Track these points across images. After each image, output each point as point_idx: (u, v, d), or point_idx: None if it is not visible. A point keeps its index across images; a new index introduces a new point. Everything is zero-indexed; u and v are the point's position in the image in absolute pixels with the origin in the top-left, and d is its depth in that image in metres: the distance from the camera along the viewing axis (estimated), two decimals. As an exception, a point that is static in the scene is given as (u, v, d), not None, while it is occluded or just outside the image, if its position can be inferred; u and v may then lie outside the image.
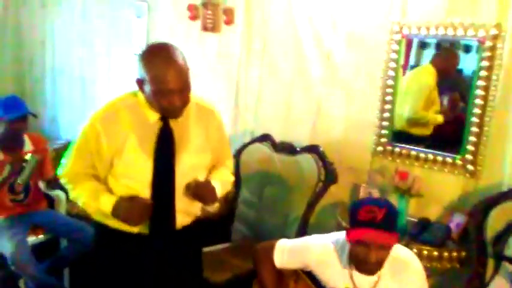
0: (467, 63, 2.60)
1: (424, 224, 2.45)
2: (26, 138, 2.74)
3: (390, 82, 2.66)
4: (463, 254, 2.33)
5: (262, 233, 2.80)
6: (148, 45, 1.73)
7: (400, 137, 2.75)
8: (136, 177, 1.74)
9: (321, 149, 2.73)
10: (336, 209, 2.80)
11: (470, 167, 2.47)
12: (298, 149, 2.83)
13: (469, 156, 2.47)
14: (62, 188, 2.99)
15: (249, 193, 2.92)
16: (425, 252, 2.28)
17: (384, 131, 2.74)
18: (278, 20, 3.05)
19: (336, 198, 2.86)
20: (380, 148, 2.76)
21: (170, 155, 1.74)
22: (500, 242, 2.22)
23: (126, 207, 1.68)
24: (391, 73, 2.65)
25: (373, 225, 1.57)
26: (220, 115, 1.95)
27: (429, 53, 2.75)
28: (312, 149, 2.76)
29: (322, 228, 2.13)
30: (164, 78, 1.60)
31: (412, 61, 2.77)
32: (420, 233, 2.39)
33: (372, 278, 1.71)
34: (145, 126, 1.73)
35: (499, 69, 2.33)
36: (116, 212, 1.69)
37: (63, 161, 1.86)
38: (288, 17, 3.00)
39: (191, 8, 3.42)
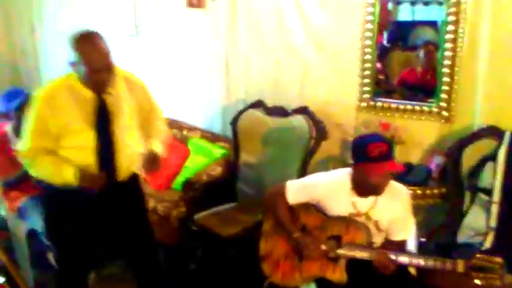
0: (440, 16, 2.75)
1: (407, 167, 2.72)
2: None
3: (368, 42, 2.89)
4: (443, 190, 2.62)
5: (263, 190, 3.06)
6: (77, 33, 2.00)
7: (382, 92, 3.00)
8: (83, 144, 2.06)
9: (310, 109, 2.99)
10: (327, 162, 3.07)
11: (444, 113, 2.74)
12: (289, 111, 3.07)
13: (443, 104, 2.73)
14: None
15: (248, 155, 3.18)
16: (410, 191, 2.55)
17: (365, 88, 2.98)
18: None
19: (327, 153, 3.12)
20: (363, 104, 3.01)
21: (108, 121, 2.08)
22: (474, 176, 2.52)
23: (86, 174, 2.02)
24: (368, 34, 2.87)
25: (385, 157, 1.94)
26: (144, 84, 2.28)
27: (405, 7, 2.95)
28: (302, 110, 3.01)
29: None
30: (90, 58, 1.93)
31: (391, 18, 2.96)
32: (405, 176, 2.64)
33: (369, 201, 2.07)
34: (83, 102, 2.03)
35: (464, 22, 2.57)
36: (81, 181, 2.01)
37: (20, 142, 2.12)
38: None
39: (176, -16, 3.57)
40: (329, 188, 2.13)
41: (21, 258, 2.91)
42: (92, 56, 1.93)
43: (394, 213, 2.09)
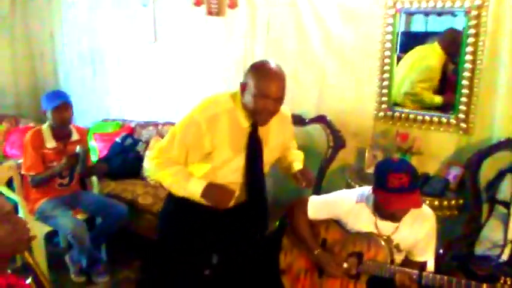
0: (455, 27, 2.82)
1: (425, 178, 2.74)
2: (72, 128, 3.01)
3: (388, 53, 2.91)
4: (461, 201, 2.63)
5: (279, 198, 3.09)
6: (259, 60, 2.02)
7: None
8: (232, 169, 2.04)
9: (328, 118, 3.01)
10: (344, 171, 3.08)
11: (463, 124, 2.75)
12: (307, 120, 3.09)
13: (461, 115, 2.75)
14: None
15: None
16: (427, 202, 2.51)
17: (383, 98, 3.00)
18: (280, 2, 3.27)
19: (344, 162, 3.14)
20: (381, 114, 3.03)
21: (259, 152, 2.07)
22: (493, 188, 2.52)
23: (216, 191, 1.98)
24: (388, 45, 2.90)
25: (403, 190, 1.87)
26: (289, 115, 2.24)
27: (418, 19, 2.99)
28: (320, 119, 3.03)
29: (334, 190, 2.33)
30: (268, 84, 1.88)
31: (402, 28, 2.96)
32: (422, 187, 2.66)
33: (393, 224, 2.04)
34: (239, 129, 2.00)
35: (484, 35, 2.58)
36: (206, 194, 1.98)
37: (160, 143, 2.10)
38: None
39: (195, -6, 3.63)
40: (351, 207, 2.11)
41: (39, 260, 2.94)
42: (268, 83, 1.88)
43: (417, 236, 2.06)
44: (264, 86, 1.87)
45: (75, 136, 3.02)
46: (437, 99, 2.95)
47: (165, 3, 3.86)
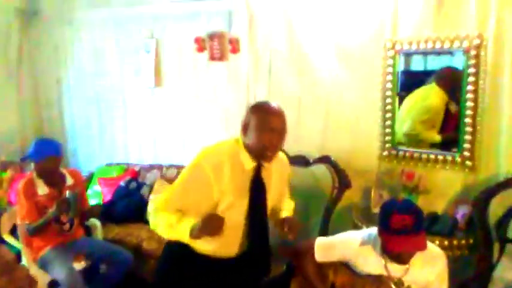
0: (453, 65, 2.86)
1: (433, 218, 2.71)
2: (65, 173, 3.00)
3: (389, 93, 2.95)
4: (471, 241, 2.58)
5: (287, 241, 3.03)
6: (258, 101, 2.10)
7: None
8: (235, 214, 2.00)
9: (332, 158, 3.00)
10: (350, 211, 3.05)
11: (468, 162, 2.74)
12: (311, 160, 3.09)
13: (466, 153, 2.75)
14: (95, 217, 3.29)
15: (270, 205, 3.17)
16: (436, 242, 2.48)
17: (387, 137, 3.02)
18: (281, 45, 3.35)
19: (350, 201, 3.11)
20: (385, 153, 3.04)
21: (262, 194, 2.06)
22: (503, 226, 2.49)
23: (203, 222, 1.89)
24: (389, 85, 2.94)
25: (406, 232, 1.83)
26: (287, 161, 2.26)
27: (416, 59, 3.03)
28: (324, 159, 3.02)
29: (340, 230, 2.30)
30: (271, 118, 1.93)
31: (401, 67, 3.00)
32: (430, 226, 2.63)
33: (403, 266, 1.99)
34: (242, 173, 1.99)
35: (484, 74, 2.62)
36: (194, 231, 1.89)
37: (163, 195, 2.08)
38: (290, 42, 3.31)
39: (198, 40, 3.71)
40: (360, 249, 2.06)
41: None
42: (270, 117, 1.92)
43: (429, 278, 2.01)
44: (268, 120, 1.91)
45: (69, 180, 2.99)
46: (437, 137, 2.97)
47: (169, 50, 3.95)
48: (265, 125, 1.91)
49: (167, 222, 1.96)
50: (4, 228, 3.07)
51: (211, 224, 1.88)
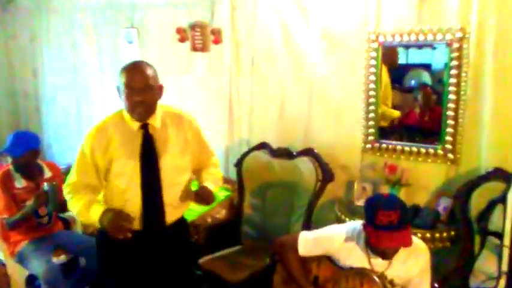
0: (435, 59, 2.86)
1: (414, 210, 2.71)
2: (43, 165, 2.93)
3: (372, 86, 2.93)
4: (452, 233, 2.59)
5: (268, 233, 3.03)
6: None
7: (385, 133, 3.02)
8: (128, 179, 2.05)
9: (316, 151, 2.99)
10: (333, 205, 3.03)
11: (450, 155, 2.75)
12: (294, 153, 3.07)
13: (448, 146, 2.75)
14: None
15: (253, 198, 3.16)
16: (419, 235, 2.47)
17: (370, 130, 3.00)
18: (264, 36, 3.30)
19: (333, 195, 3.10)
20: (368, 145, 3.03)
21: (154, 157, 2.07)
22: (484, 219, 2.50)
23: (110, 217, 1.95)
24: (372, 77, 2.93)
25: (392, 227, 1.84)
26: (195, 120, 2.27)
27: (399, 51, 2.99)
28: (308, 152, 3.01)
29: (323, 224, 2.33)
30: (129, 78, 1.98)
31: None
32: (412, 219, 2.62)
33: (387, 260, 1.99)
34: (130, 135, 2.06)
35: (467, 66, 2.62)
36: (102, 221, 1.97)
37: (69, 179, 2.13)
38: (272, 32, 3.25)
39: (179, 30, 3.65)
40: (344, 243, 2.06)
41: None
42: (130, 75, 1.98)
43: (412, 272, 2.02)
44: (130, 78, 1.97)
45: (47, 173, 2.94)
46: (396, 112, 3.04)
47: (150, 41, 3.87)
48: (128, 84, 1.97)
49: (79, 209, 2.04)
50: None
51: (116, 223, 1.93)
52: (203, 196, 2.13)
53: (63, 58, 4.35)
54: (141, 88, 1.97)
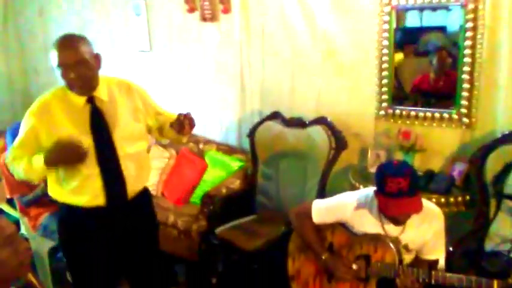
0: (449, 21, 2.78)
1: (429, 176, 2.70)
2: None
3: (385, 51, 2.88)
4: (467, 197, 2.58)
5: (282, 203, 3.05)
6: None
7: (399, 99, 2.98)
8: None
9: (329, 119, 2.97)
10: (347, 172, 3.02)
11: (465, 119, 2.72)
12: (307, 122, 3.06)
13: (463, 110, 2.71)
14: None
15: (266, 168, 3.17)
16: (433, 200, 2.49)
17: (384, 96, 2.97)
18: (274, 4, 3.24)
19: (346, 163, 3.10)
20: (382, 112, 3.00)
21: (105, 130, 2.01)
22: (499, 183, 2.48)
23: (55, 149, 1.87)
24: (385, 42, 2.87)
25: (401, 194, 1.84)
26: (136, 84, 2.20)
27: (413, 13, 2.90)
28: (321, 121, 2.99)
29: (338, 192, 2.32)
30: (60, 56, 1.88)
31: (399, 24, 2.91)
32: (427, 184, 2.63)
33: (399, 226, 2.01)
34: (77, 110, 1.98)
35: (482, 28, 2.55)
36: (49, 160, 1.88)
37: (8, 152, 2.09)
38: (283, 1, 3.19)
39: (188, 1, 3.60)
40: (357, 210, 2.07)
41: (43, 276, 2.90)
42: (60, 53, 1.88)
43: (426, 236, 2.03)
44: (59, 56, 1.88)
45: None
46: (398, 56, 2.95)
47: (158, 12, 3.84)
48: (60, 62, 1.88)
49: (23, 166, 1.95)
50: (0, 199, 3.06)
51: (70, 151, 1.85)
52: (186, 120, 2.04)
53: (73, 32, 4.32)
54: (74, 63, 1.88)
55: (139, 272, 2.30)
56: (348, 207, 2.09)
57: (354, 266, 2.06)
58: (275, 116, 3.20)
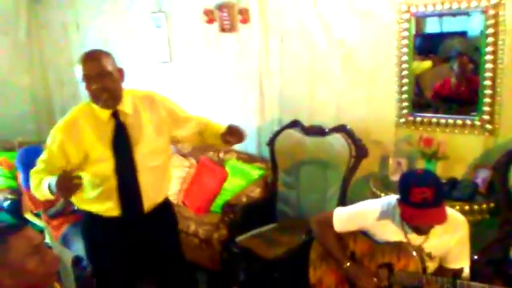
0: (470, 26, 2.75)
1: (452, 183, 2.67)
2: None
3: (405, 58, 2.87)
4: (492, 205, 2.54)
5: (303, 211, 3.05)
6: None
7: (419, 106, 2.96)
8: (102, 170, 2.03)
9: (348, 127, 2.97)
10: (368, 180, 3.01)
11: (488, 126, 2.68)
12: (326, 130, 3.05)
13: (486, 117, 2.68)
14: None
15: (286, 176, 3.17)
16: (457, 208, 2.45)
17: (404, 103, 2.95)
18: (292, 13, 3.26)
19: (367, 171, 3.08)
20: (402, 119, 2.98)
21: (127, 145, 2.05)
22: (524, 189, 2.45)
23: (56, 181, 1.89)
24: (405, 49, 2.86)
25: (426, 204, 1.81)
26: (159, 94, 2.23)
27: (432, 19, 2.88)
28: (340, 129, 2.98)
29: (359, 200, 2.30)
30: (84, 68, 1.95)
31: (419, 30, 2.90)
32: (450, 192, 2.60)
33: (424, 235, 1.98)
34: (101, 125, 2.03)
35: (503, 34, 2.52)
36: (51, 189, 1.94)
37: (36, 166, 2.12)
38: (301, 9, 3.21)
39: (207, 12, 3.65)
40: (379, 218, 2.05)
41: (68, 285, 2.94)
42: (84, 65, 1.95)
43: (450, 244, 1.99)
44: (85, 68, 1.94)
45: None
46: (427, 63, 2.93)
47: (178, 24, 3.89)
48: (84, 74, 1.94)
49: (36, 182, 2.03)
50: (26, 208, 3.13)
51: (63, 184, 1.87)
52: (233, 129, 2.12)
53: (97, 45, 4.42)
54: (97, 75, 1.94)
55: (165, 278, 2.33)
56: (370, 216, 2.08)
57: (376, 277, 2.04)
58: (294, 124, 3.20)
